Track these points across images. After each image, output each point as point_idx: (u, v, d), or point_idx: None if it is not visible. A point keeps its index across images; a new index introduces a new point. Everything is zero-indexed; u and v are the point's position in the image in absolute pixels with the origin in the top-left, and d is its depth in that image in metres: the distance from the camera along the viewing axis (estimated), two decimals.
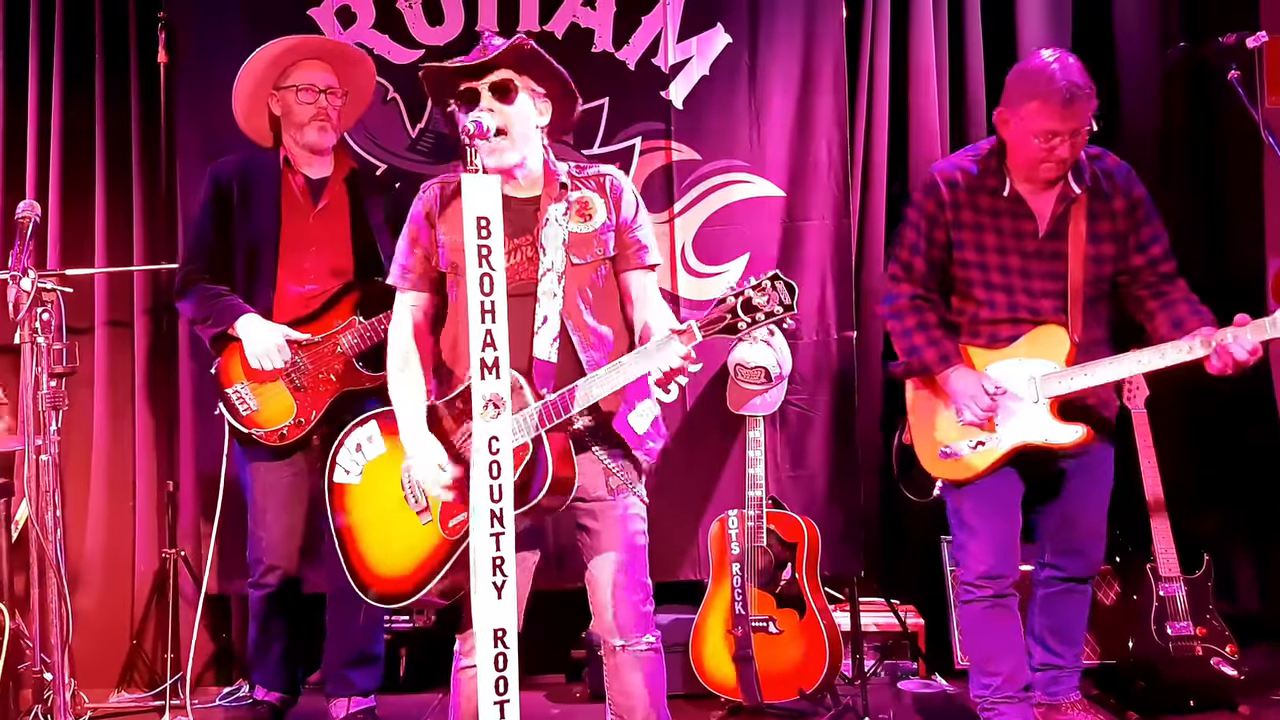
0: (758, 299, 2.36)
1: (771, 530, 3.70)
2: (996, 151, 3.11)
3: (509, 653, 2.23)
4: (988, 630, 3.17)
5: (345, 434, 2.79)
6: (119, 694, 4.08)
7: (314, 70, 3.49)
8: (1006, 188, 3.08)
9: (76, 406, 4.10)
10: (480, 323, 2.23)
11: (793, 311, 2.37)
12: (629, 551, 2.64)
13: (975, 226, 3.11)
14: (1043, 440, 3.05)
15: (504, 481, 2.22)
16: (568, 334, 2.59)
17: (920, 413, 3.21)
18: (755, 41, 4.09)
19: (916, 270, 3.16)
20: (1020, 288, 3.10)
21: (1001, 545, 3.13)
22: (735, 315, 2.37)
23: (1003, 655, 3.16)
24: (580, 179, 2.68)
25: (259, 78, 3.48)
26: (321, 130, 3.49)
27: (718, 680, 3.67)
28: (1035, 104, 2.94)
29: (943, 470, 3.16)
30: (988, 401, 3.02)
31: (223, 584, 3.99)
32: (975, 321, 3.15)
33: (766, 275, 2.37)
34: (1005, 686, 3.14)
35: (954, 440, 3.11)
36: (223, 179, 3.54)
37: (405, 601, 2.66)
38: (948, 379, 3.09)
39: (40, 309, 2.60)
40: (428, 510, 2.63)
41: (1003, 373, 3.08)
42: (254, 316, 3.41)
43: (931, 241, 3.14)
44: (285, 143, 3.55)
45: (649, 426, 2.72)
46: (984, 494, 3.12)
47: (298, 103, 3.47)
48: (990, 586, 3.12)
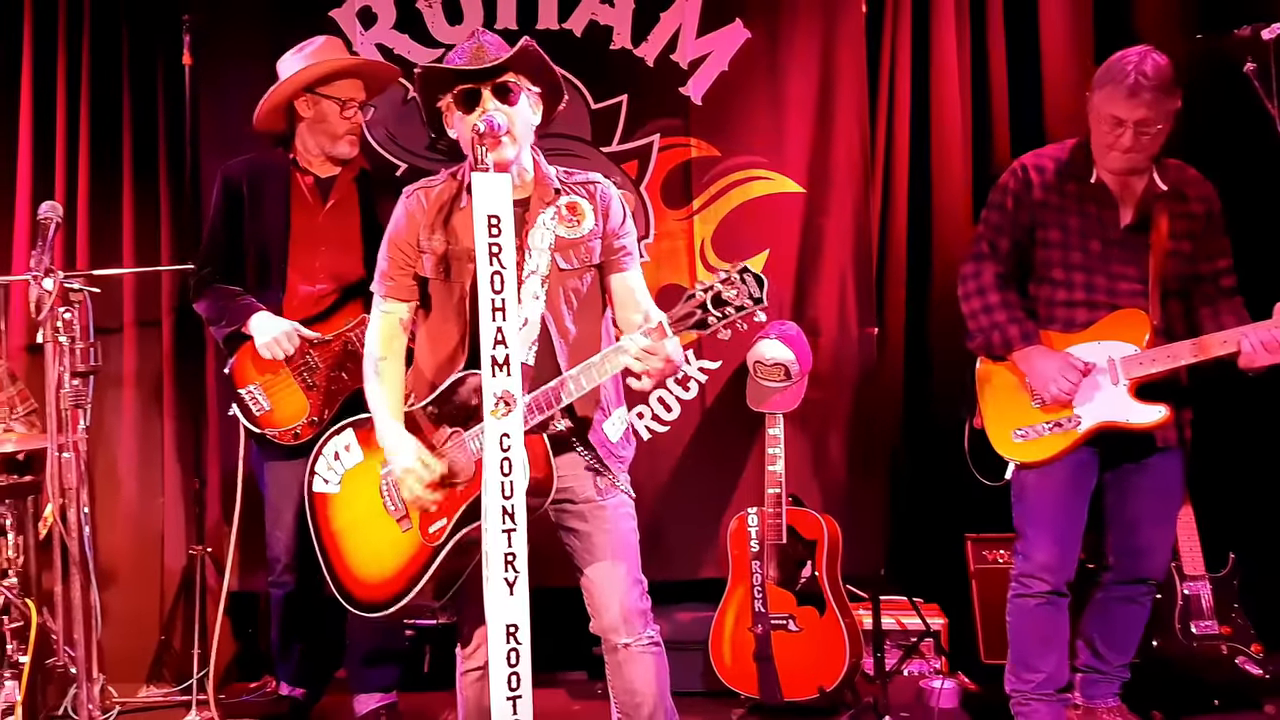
0: (727, 293, 2.36)
1: (791, 528, 3.69)
2: (1084, 144, 3.15)
3: (521, 648, 2.24)
4: (1036, 628, 3.15)
5: (323, 443, 2.78)
6: (148, 689, 4.13)
7: (354, 84, 3.53)
8: (1093, 176, 3.12)
9: (107, 405, 4.20)
10: (491, 320, 2.24)
11: (762, 304, 2.36)
12: (623, 550, 2.64)
13: (1060, 209, 3.14)
14: (1124, 420, 3.04)
15: (515, 478, 2.24)
16: (548, 337, 2.60)
17: (992, 394, 3.20)
18: (775, 37, 4.09)
19: (1001, 249, 3.19)
20: (1100, 271, 3.12)
21: (1065, 536, 3.12)
22: (705, 310, 2.37)
23: (1047, 654, 3.14)
24: (570, 185, 2.68)
25: (297, 85, 3.50)
26: (352, 144, 3.55)
27: (738, 678, 3.67)
28: (1105, 90, 3.00)
29: (1017, 452, 3.12)
30: (1078, 376, 3.02)
31: (244, 581, 4.03)
32: (1051, 305, 3.16)
33: (735, 269, 2.36)
34: (1045, 685, 3.14)
35: (1030, 422, 3.10)
36: (232, 180, 3.57)
37: (388, 609, 2.65)
38: (1028, 356, 3.10)
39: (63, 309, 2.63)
40: (407, 518, 2.64)
41: (1082, 355, 3.08)
42: (266, 314, 3.45)
43: (1016, 223, 3.17)
44: (301, 144, 3.57)
45: (621, 435, 2.73)
46: (1056, 480, 3.11)
47: (338, 116, 3.50)
48: (1047, 581, 3.10)
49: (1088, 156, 3.13)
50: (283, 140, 3.61)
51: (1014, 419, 3.13)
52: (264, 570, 3.81)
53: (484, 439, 2.28)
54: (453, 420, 2.59)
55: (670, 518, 4.04)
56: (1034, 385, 3.10)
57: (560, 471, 2.58)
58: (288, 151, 3.58)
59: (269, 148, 3.63)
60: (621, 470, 2.72)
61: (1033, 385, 3.10)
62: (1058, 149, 3.22)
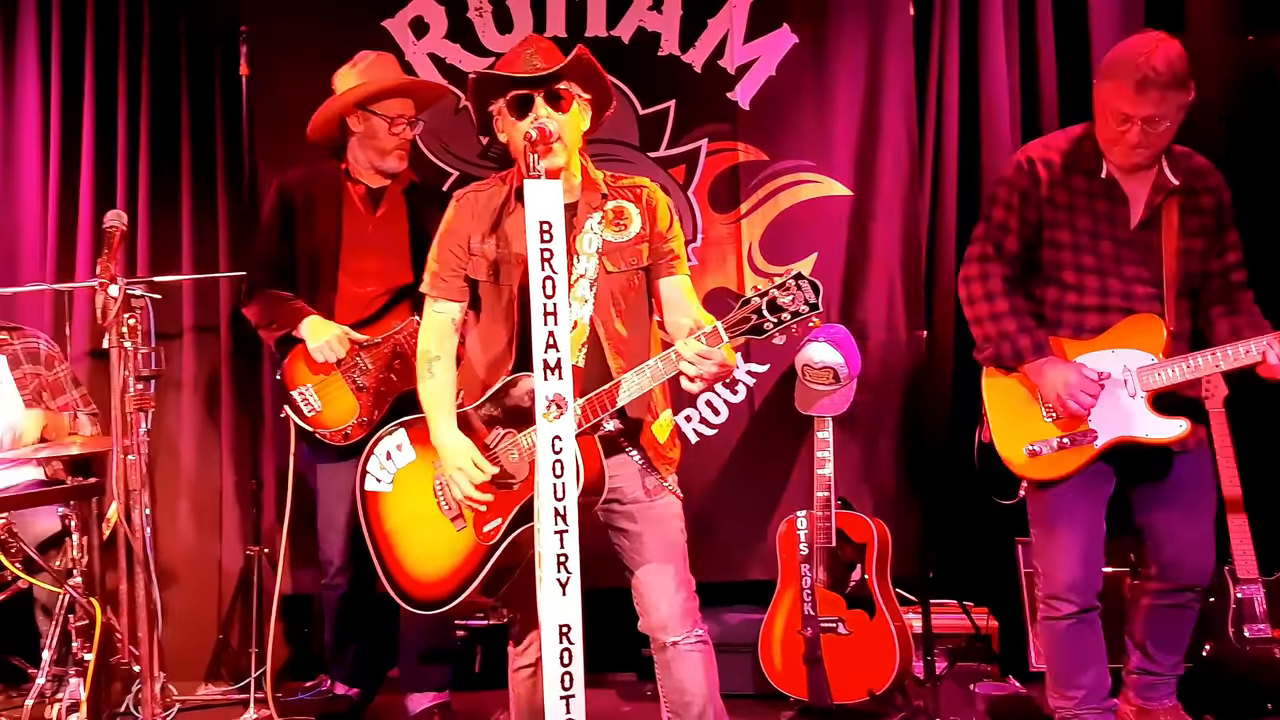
0: (783, 298, 2.37)
1: (841, 531, 3.70)
2: (1090, 135, 3.01)
3: (574, 648, 2.27)
4: (1070, 648, 3.06)
5: (375, 442, 2.82)
6: (206, 687, 4.20)
7: (403, 102, 3.61)
8: (1103, 170, 2.98)
9: (166, 409, 4.28)
10: (543, 324, 2.28)
11: (818, 310, 2.37)
12: (671, 549, 2.66)
13: (1069, 207, 3.00)
14: (1143, 435, 2.92)
15: (567, 480, 2.27)
16: (598, 340, 2.63)
17: (1002, 407, 3.05)
18: (822, 41, 4.11)
19: (1007, 250, 3.03)
20: (1113, 273, 2.98)
21: (1088, 554, 3.00)
22: (760, 315, 2.39)
23: (1085, 670, 3.06)
24: (617, 189, 2.71)
25: (348, 102, 3.58)
26: (401, 159, 3.63)
27: (787, 680, 3.68)
28: (1113, 83, 2.87)
29: (1029, 469, 2.99)
30: (1096, 390, 2.90)
31: (297, 583, 4.10)
32: (1060, 308, 3.02)
33: (791, 274, 2.37)
34: (1088, 700, 3.06)
35: (1043, 436, 2.98)
36: (287, 190, 3.65)
37: (443, 607, 2.68)
38: (1040, 369, 2.94)
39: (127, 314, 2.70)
40: (461, 517, 2.67)
41: (1095, 364, 2.95)
42: (317, 317, 3.52)
43: (1024, 221, 3.02)
44: (352, 156, 3.65)
45: (669, 437, 2.75)
46: (1073, 495, 2.99)
47: (387, 132, 3.57)
48: (1075, 602, 3.00)
49: (1096, 149, 2.99)
50: (335, 152, 3.68)
51: (1026, 433, 2.99)
52: (317, 571, 3.87)
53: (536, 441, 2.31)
54: (506, 421, 2.63)
55: (718, 520, 4.06)
56: (1047, 399, 2.96)
57: (610, 472, 2.61)
58: (340, 162, 3.65)
59: (323, 158, 3.71)
60: (669, 471, 2.74)
61: (1046, 399, 2.97)
62: (1061, 139, 3.06)
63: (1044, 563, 3.08)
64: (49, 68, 4.37)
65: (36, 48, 4.37)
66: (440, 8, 4.14)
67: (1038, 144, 3.10)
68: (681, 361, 2.43)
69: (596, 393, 2.53)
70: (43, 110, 4.38)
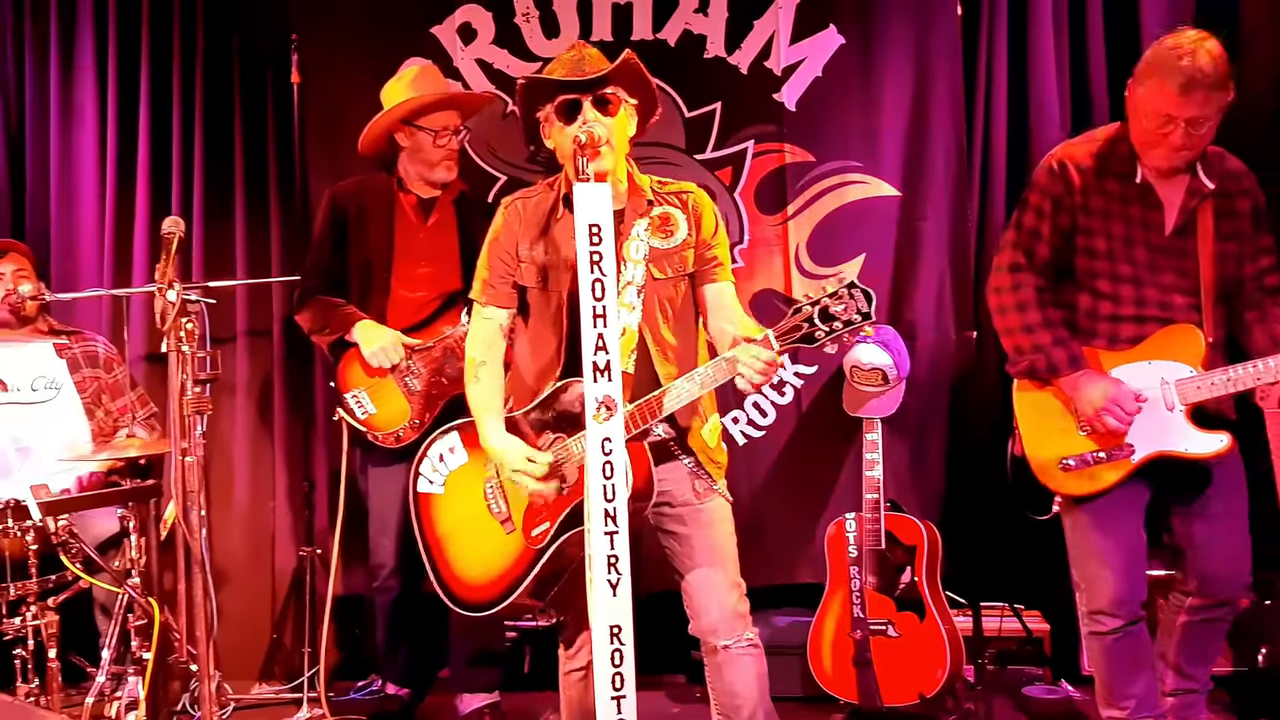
0: (835, 307, 2.36)
1: (890, 533, 3.68)
2: (1124, 137, 2.92)
3: (625, 649, 2.29)
4: (1119, 661, 2.99)
5: (427, 445, 2.85)
6: (260, 686, 4.25)
7: (448, 114, 3.65)
8: (1137, 175, 2.90)
9: (220, 412, 4.35)
10: (593, 327, 2.30)
11: (870, 319, 2.35)
12: (721, 552, 2.67)
13: (1104, 214, 2.91)
14: (1182, 450, 2.84)
15: (617, 481, 2.28)
16: (645, 346, 2.63)
17: (1035, 421, 2.98)
18: (869, 42, 4.09)
19: (1039, 258, 2.95)
20: (1149, 282, 2.90)
21: (1129, 568, 2.94)
22: (812, 324, 2.38)
23: (1135, 679, 2.99)
24: (663, 195, 2.72)
25: (393, 119, 3.63)
26: (449, 170, 3.68)
27: (837, 683, 3.67)
28: (1154, 82, 2.77)
29: (1064, 484, 2.92)
30: (1135, 408, 2.82)
31: (349, 583, 4.15)
32: (1094, 317, 2.95)
33: (844, 283, 2.36)
34: (1140, 709, 2.99)
35: (1078, 451, 2.90)
36: (340, 200, 3.71)
37: (491, 610, 2.71)
38: (1076, 384, 2.87)
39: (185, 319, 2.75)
40: (510, 520, 2.69)
41: (1131, 376, 2.88)
42: (370, 321, 3.57)
43: (1056, 227, 2.94)
44: (403, 168, 3.70)
45: (717, 441, 2.75)
46: (1110, 510, 2.91)
47: (432, 145, 3.62)
48: (1120, 616, 2.93)
49: (1131, 152, 2.90)
50: (387, 164, 3.74)
51: (1060, 447, 2.92)
52: (368, 573, 3.90)
53: (586, 444, 2.32)
54: (555, 426, 2.65)
55: (766, 523, 4.06)
56: (1083, 414, 2.88)
57: (659, 476, 2.62)
58: (391, 175, 3.71)
59: (374, 170, 3.76)
60: (719, 474, 2.75)
61: (1082, 414, 2.88)
62: (1094, 141, 2.97)
63: (1085, 578, 3.00)
64: (106, 79, 4.45)
65: (94, 60, 4.45)
66: (488, 14, 4.18)
67: (1070, 145, 3.02)
68: (739, 365, 2.43)
69: (645, 399, 2.54)
70: (100, 120, 4.47)
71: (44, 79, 4.49)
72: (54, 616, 3.22)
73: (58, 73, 4.46)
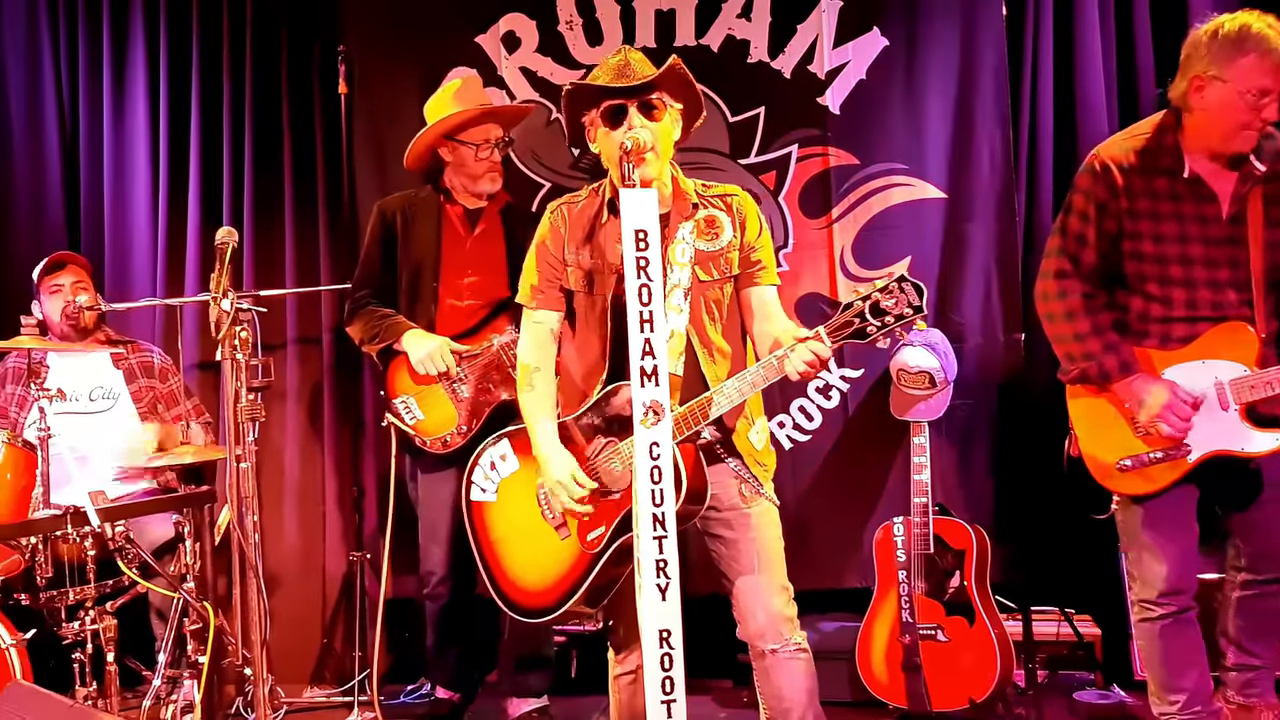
0: (885, 302, 2.36)
1: (939, 537, 3.66)
2: (1171, 128, 2.88)
3: (674, 653, 2.29)
4: (1168, 648, 2.99)
5: (479, 452, 2.86)
6: (312, 690, 4.31)
7: (489, 127, 3.67)
8: (1185, 169, 2.86)
9: (271, 419, 4.40)
10: (640, 332, 2.30)
11: (922, 313, 2.35)
12: (768, 556, 2.66)
13: (1153, 214, 2.88)
14: (1239, 449, 2.82)
15: (665, 485, 2.29)
16: (693, 349, 2.64)
17: (1090, 423, 2.99)
18: (913, 43, 4.07)
19: (1085, 264, 2.94)
20: (1203, 280, 2.87)
21: (1182, 561, 2.94)
22: (863, 319, 2.38)
23: (1185, 672, 2.98)
24: (707, 198, 2.72)
25: (435, 135, 3.66)
26: (493, 181, 3.70)
27: (886, 688, 3.65)
28: (1250, 59, 2.74)
29: (1120, 485, 2.94)
30: (1189, 412, 2.82)
31: (399, 587, 4.17)
32: (1144, 319, 2.93)
33: (894, 277, 2.36)
34: (1191, 703, 2.97)
35: (1134, 452, 2.90)
36: (388, 213, 3.74)
37: (549, 616, 2.72)
38: (1129, 388, 2.87)
39: (238, 327, 2.80)
40: (565, 526, 2.70)
41: (1185, 377, 2.86)
42: (418, 330, 3.60)
43: (1101, 233, 2.91)
44: (448, 181, 3.73)
45: (764, 444, 2.75)
46: (1165, 509, 2.92)
47: (474, 159, 3.65)
48: (1171, 604, 2.94)
49: (1177, 144, 2.86)
50: (433, 177, 3.77)
51: (1117, 448, 2.92)
52: (418, 577, 3.94)
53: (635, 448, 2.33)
54: (607, 431, 2.66)
55: (813, 527, 4.04)
56: (1138, 418, 2.88)
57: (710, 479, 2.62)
58: (438, 187, 3.74)
59: (421, 181, 3.80)
60: (766, 477, 2.75)
61: (1137, 418, 2.88)
62: (1135, 137, 2.92)
63: (1138, 571, 3.00)
64: (157, 93, 4.54)
65: (145, 74, 4.55)
66: (531, 22, 4.21)
67: (1112, 143, 2.97)
68: (786, 362, 2.44)
69: (694, 401, 2.55)
70: (151, 133, 4.56)
71: (97, 94, 4.60)
72: (112, 621, 3.28)
73: (110, 87, 4.56)
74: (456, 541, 3.62)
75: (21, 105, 4.62)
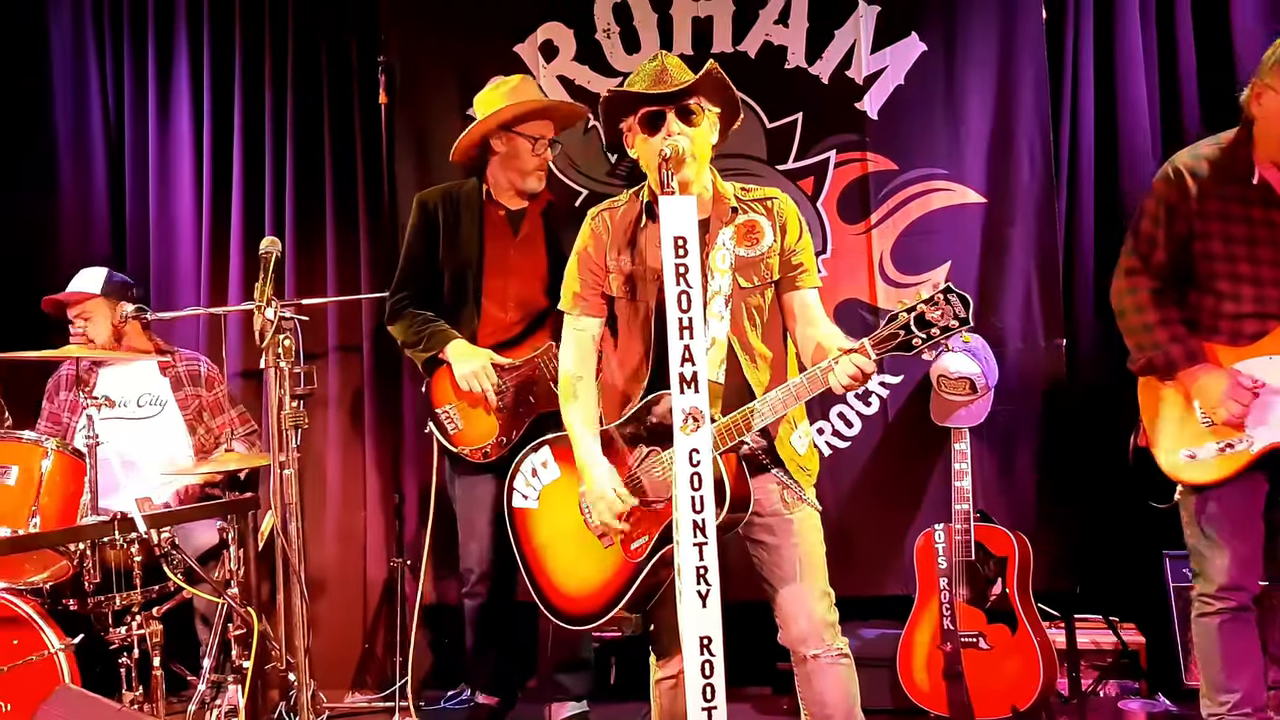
0: (931, 314, 2.34)
1: (980, 544, 3.63)
2: (1243, 140, 2.97)
3: (715, 660, 2.29)
4: (1224, 645, 3.00)
5: (520, 459, 2.87)
6: (353, 695, 4.34)
7: (544, 123, 3.69)
8: (1255, 175, 2.94)
9: (313, 425, 4.44)
10: (679, 338, 2.30)
11: (968, 325, 2.34)
12: (809, 562, 2.66)
13: (1223, 216, 2.97)
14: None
15: (705, 493, 2.29)
16: (734, 355, 2.63)
17: (1157, 414, 3.08)
18: (952, 48, 4.05)
19: (1155, 262, 3.04)
20: (1270, 279, 2.95)
21: (1245, 556, 2.97)
22: (909, 331, 2.37)
23: (1240, 671, 2.99)
24: (747, 202, 2.72)
25: (494, 124, 3.66)
26: (539, 180, 3.70)
27: (927, 696, 3.63)
28: None
29: (1185, 474, 3.01)
30: (1249, 398, 2.89)
31: (439, 592, 4.20)
32: (1216, 316, 3.00)
33: (939, 288, 2.35)
34: (1243, 704, 2.97)
35: (1199, 442, 2.98)
36: (429, 208, 3.73)
37: (593, 623, 2.73)
38: (1194, 376, 2.96)
39: (282, 335, 2.83)
40: (609, 534, 2.70)
41: (1255, 370, 2.93)
42: (462, 341, 3.61)
43: (1172, 234, 3.01)
44: (492, 178, 3.72)
45: (806, 449, 2.75)
46: (1229, 500, 2.97)
47: (530, 153, 3.65)
48: (1231, 599, 2.97)
49: (1249, 155, 2.94)
50: (474, 172, 3.77)
51: (1182, 439, 3.01)
52: (457, 582, 3.97)
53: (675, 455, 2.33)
54: (649, 439, 2.66)
55: (854, 534, 4.02)
56: (1202, 406, 2.97)
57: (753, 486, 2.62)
58: (481, 183, 3.74)
59: (461, 179, 3.80)
60: (808, 483, 2.74)
61: (1201, 406, 2.97)
62: (1210, 148, 3.01)
63: (1199, 563, 3.04)
64: (201, 105, 4.60)
65: (189, 86, 4.61)
66: (569, 31, 4.23)
67: (1186, 153, 3.07)
68: (830, 375, 2.43)
69: (736, 414, 2.54)
70: (195, 145, 4.62)
71: (142, 107, 4.66)
72: (158, 626, 3.31)
73: (155, 100, 4.63)
74: (495, 541, 3.64)
75: (68, 118, 4.70)
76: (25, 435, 3.33)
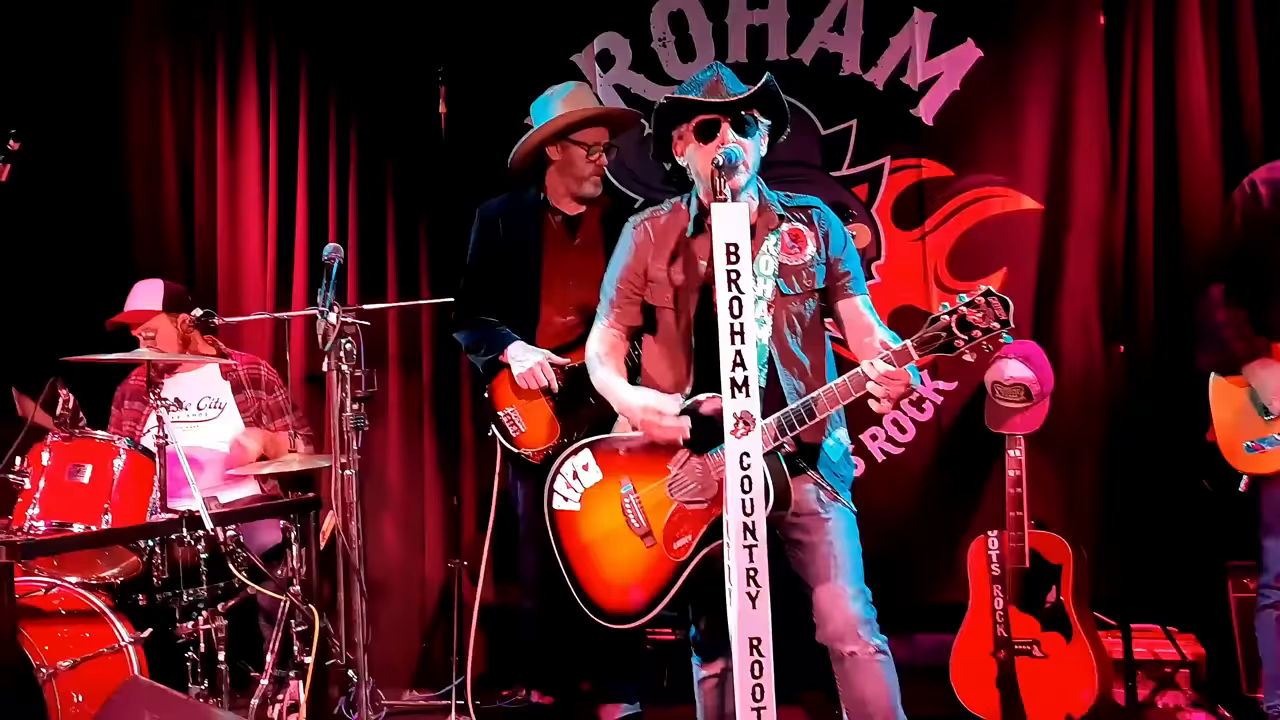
0: (972, 315, 2.36)
1: (1035, 552, 3.61)
2: None
3: (765, 661, 2.31)
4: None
5: (560, 462, 2.90)
6: (411, 693, 4.40)
7: (600, 130, 3.73)
8: None
9: (373, 429, 4.49)
10: (730, 344, 2.34)
11: (1009, 326, 2.36)
12: (845, 560, 2.67)
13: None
14: None
15: (755, 495, 2.31)
16: (774, 361, 2.66)
17: (1224, 408, 3.23)
18: (1008, 54, 4.05)
19: (1229, 268, 3.20)
20: None
21: None
22: (950, 334, 2.38)
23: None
24: (791, 210, 2.75)
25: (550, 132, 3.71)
26: (596, 185, 3.74)
27: (980, 704, 3.61)
28: None
29: (1249, 465, 3.16)
30: None
31: (498, 594, 4.26)
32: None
33: (980, 291, 2.36)
34: None
35: (1261, 435, 3.12)
36: (489, 217, 3.80)
37: (635, 622, 2.76)
38: (1255, 371, 3.13)
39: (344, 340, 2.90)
40: (651, 534, 2.73)
41: None
42: (521, 343, 3.66)
43: (1247, 242, 3.18)
44: (550, 185, 3.77)
45: (842, 455, 2.76)
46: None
47: (585, 160, 3.70)
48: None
49: None
50: (532, 180, 3.83)
51: (1245, 432, 3.17)
52: (515, 584, 4.02)
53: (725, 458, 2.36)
54: (688, 443, 2.68)
55: (907, 540, 4.02)
56: (1264, 398, 3.12)
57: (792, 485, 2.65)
58: (539, 190, 3.80)
59: (520, 187, 3.86)
60: (844, 485, 2.76)
61: (1263, 398, 3.12)
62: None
63: (1266, 553, 3.16)
64: (268, 119, 4.70)
65: (256, 103, 4.71)
66: (624, 40, 4.28)
67: (1264, 169, 3.24)
68: (868, 383, 2.45)
69: (780, 413, 2.57)
70: (262, 156, 4.72)
71: (211, 120, 4.76)
72: (223, 622, 3.40)
73: (223, 114, 4.73)
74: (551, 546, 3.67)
75: (141, 137, 4.81)
76: (99, 435, 3.42)
